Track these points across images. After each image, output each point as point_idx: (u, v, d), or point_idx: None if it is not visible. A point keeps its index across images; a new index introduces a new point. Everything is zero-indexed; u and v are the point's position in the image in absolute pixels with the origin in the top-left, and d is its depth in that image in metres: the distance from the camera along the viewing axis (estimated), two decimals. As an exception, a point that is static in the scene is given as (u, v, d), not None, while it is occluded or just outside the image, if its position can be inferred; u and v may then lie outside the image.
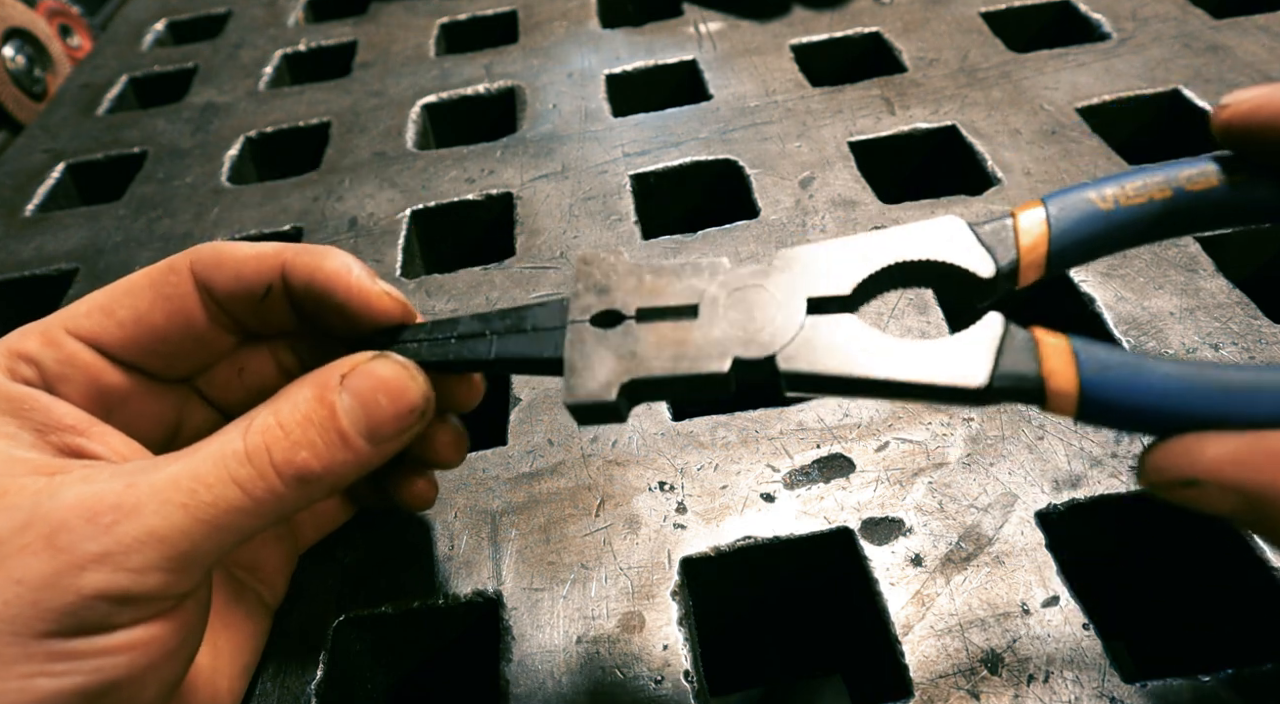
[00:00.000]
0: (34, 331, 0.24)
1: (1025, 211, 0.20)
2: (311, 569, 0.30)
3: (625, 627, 0.27)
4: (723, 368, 0.21)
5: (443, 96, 0.57)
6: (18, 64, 0.88)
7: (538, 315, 0.24)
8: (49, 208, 0.54)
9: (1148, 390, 0.17)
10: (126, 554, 0.19)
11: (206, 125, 0.58)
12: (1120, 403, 0.18)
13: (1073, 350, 0.18)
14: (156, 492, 0.20)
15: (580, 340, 0.22)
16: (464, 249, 0.48)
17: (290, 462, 0.21)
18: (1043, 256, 0.20)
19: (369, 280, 0.24)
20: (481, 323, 0.25)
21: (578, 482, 0.32)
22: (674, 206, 0.48)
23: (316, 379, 0.23)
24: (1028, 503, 0.29)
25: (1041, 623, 0.26)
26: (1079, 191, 0.20)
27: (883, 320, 0.36)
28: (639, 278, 0.23)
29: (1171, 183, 0.19)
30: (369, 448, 0.23)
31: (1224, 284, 0.36)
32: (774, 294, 0.21)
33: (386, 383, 0.23)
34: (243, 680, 0.26)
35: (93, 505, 0.20)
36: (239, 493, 0.21)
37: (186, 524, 0.20)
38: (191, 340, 0.25)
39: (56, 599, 0.19)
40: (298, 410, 0.22)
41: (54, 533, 0.19)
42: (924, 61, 0.52)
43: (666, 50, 0.58)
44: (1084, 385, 0.18)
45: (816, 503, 0.30)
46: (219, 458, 0.21)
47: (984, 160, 0.44)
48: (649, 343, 0.22)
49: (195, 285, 0.25)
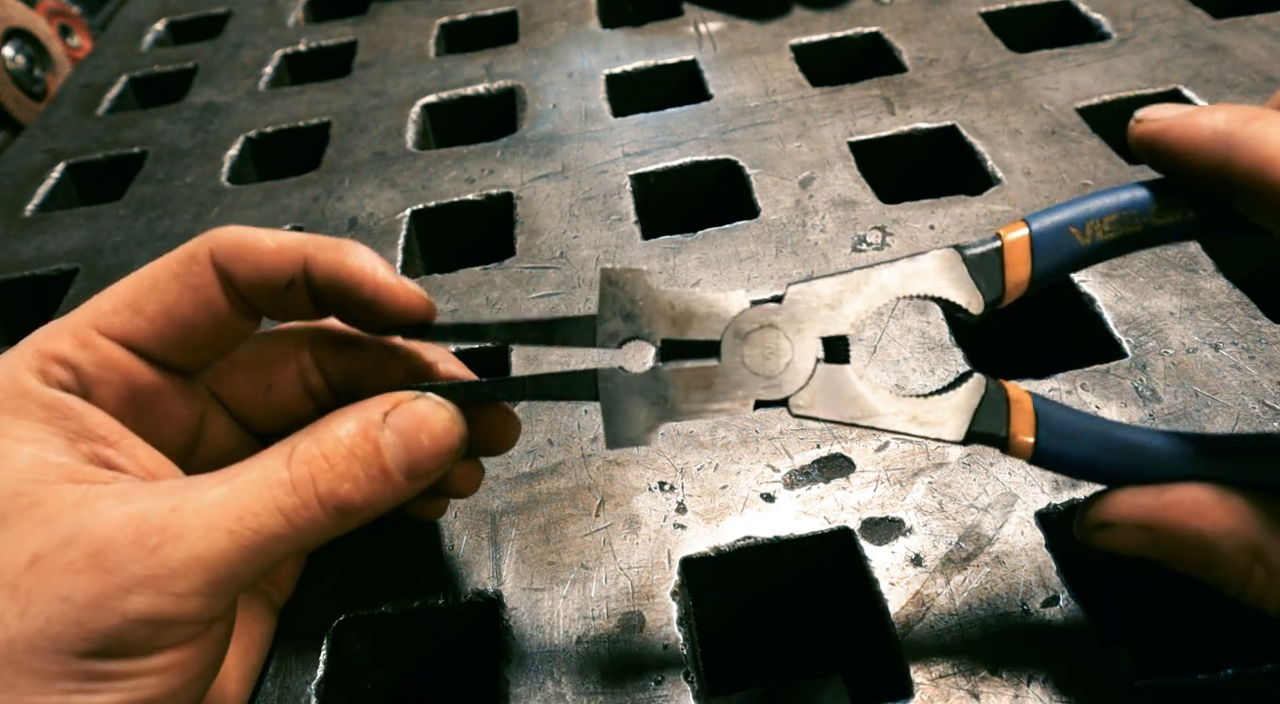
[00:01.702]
0: (65, 332, 0.24)
1: (1011, 238, 0.23)
2: (312, 569, 0.30)
3: (625, 627, 0.27)
4: (747, 411, 0.23)
5: (443, 96, 0.57)
6: (18, 64, 0.88)
7: (566, 332, 0.25)
8: (49, 208, 0.54)
9: (1086, 455, 0.22)
10: (172, 578, 0.20)
11: (206, 125, 0.58)
12: (1065, 460, 0.22)
13: (1035, 415, 0.22)
14: (202, 516, 0.20)
15: (612, 385, 0.24)
16: (464, 249, 0.48)
17: (334, 493, 0.22)
18: (1025, 284, 0.23)
19: (393, 277, 0.24)
20: (509, 332, 0.25)
21: (578, 482, 0.32)
22: (674, 206, 0.48)
23: (361, 414, 0.23)
24: (1028, 503, 0.29)
25: (1041, 623, 0.26)
26: (1060, 220, 0.22)
27: (883, 320, 0.36)
28: (664, 306, 0.24)
29: (1142, 218, 0.22)
30: (406, 484, 0.23)
31: (1224, 284, 0.36)
32: (787, 334, 0.23)
33: (429, 423, 0.23)
34: (251, 681, 0.27)
35: (139, 526, 0.20)
36: (283, 521, 0.21)
37: (230, 551, 0.20)
38: (217, 328, 0.25)
39: (100, 621, 0.19)
40: (342, 444, 0.22)
41: (100, 552, 0.19)
42: (924, 61, 0.52)
43: (666, 50, 0.58)
44: (1039, 444, 0.22)
45: (816, 503, 0.30)
46: (264, 484, 0.21)
47: (984, 160, 0.44)
48: (678, 387, 0.24)
49: (216, 274, 0.24)
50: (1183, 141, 0.21)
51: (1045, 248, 0.22)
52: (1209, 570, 0.21)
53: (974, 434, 0.22)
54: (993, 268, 0.23)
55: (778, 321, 0.24)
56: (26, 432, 0.22)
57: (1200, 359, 0.33)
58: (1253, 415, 0.31)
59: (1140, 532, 0.21)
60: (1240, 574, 0.21)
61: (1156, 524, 0.21)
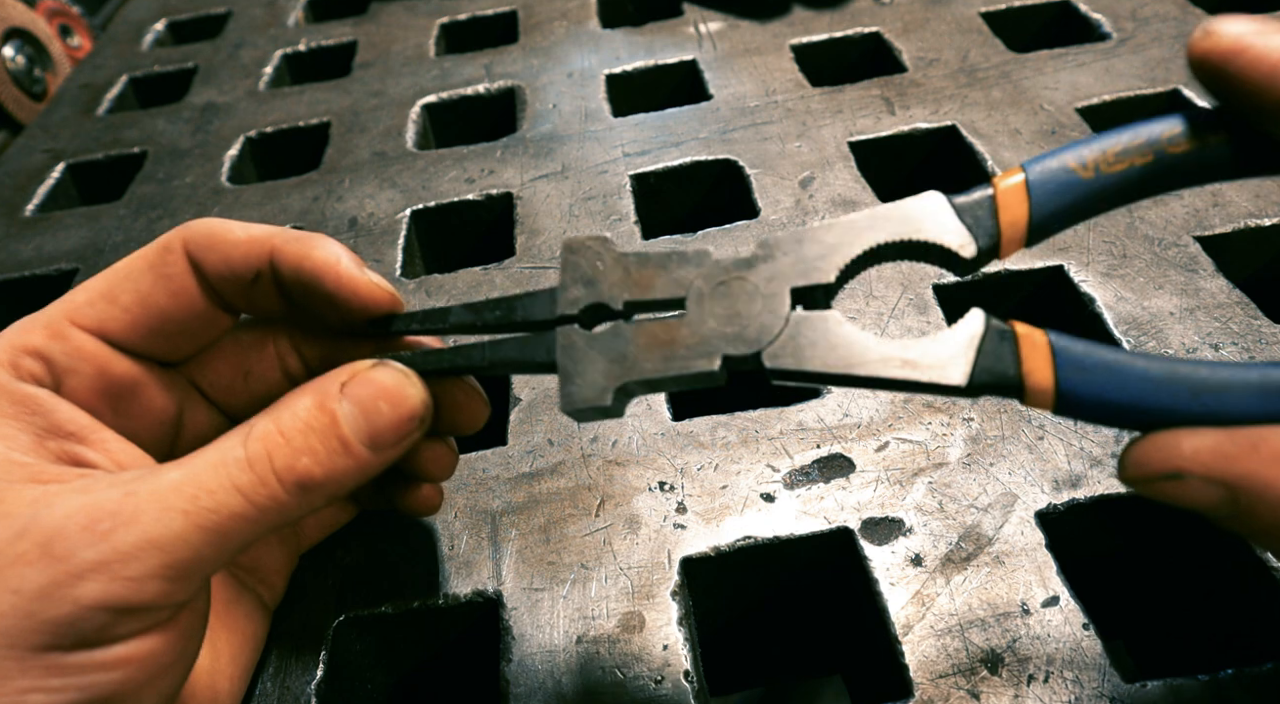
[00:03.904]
0: (37, 324, 0.24)
1: (1005, 181, 0.20)
2: (311, 569, 0.30)
3: (625, 627, 0.27)
4: (713, 367, 0.21)
5: (443, 96, 0.57)
6: (18, 64, 0.88)
7: (527, 306, 0.24)
8: (49, 208, 0.54)
9: (1122, 388, 0.18)
10: (125, 562, 0.19)
11: (206, 125, 0.58)
12: (1096, 400, 0.18)
13: (1051, 348, 0.19)
14: (156, 498, 0.20)
15: (571, 344, 0.22)
16: (464, 249, 0.48)
17: (291, 468, 0.21)
18: (1023, 230, 0.20)
19: (357, 270, 0.24)
20: (472, 313, 0.25)
21: (578, 482, 0.32)
22: (674, 206, 0.48)
23: (317, 387, 0.23)
24: (1028, 503, 0.29)
25: (1041, 623, 0.26)
26: (1059, 157, 0.20)
27: (882, 321, 0.36)
28: (625, 269, 0.23)
29: (1154, 147, 0.19)
30: (370, 455, 0.22)
31: (1224, 284, 0.36)
32: (758, 286, 0.21)
33: (387, 390, 0.23)
34: (242, 682, 0.26)
35: (91, 513, 0.19)
36: (240, 500, 0.20)
37: (186, 531, 0.20)
38: (194, 319, 0.25)
39: (53, 610, 0.18)
40: (298, 417, 0.22)
41: (50, 541, 0.19)
42: (924, 61, 0.52)
43: (666, 50, 0.58)
44: (1060, 383, 0.18)
45: (816, 503, 0.30)
46: (220, 464, 0.21)
47: (984, 160, 0.44)
48: (639, 344, 0.22)
49: (189, 264, 0.24)
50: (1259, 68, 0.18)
51: (1043, 187, 0.20)
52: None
53: (980, 376, 0.19)
54: (984, 212, 0.20)
55: (747, 274, 0.22)
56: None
57: (1199, 357, 0.33)
58: (1253, 415, 0.31)
59: (1217, 487, 0.17)
60: None
61: (1244, 480, 0.17)
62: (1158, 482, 0.18)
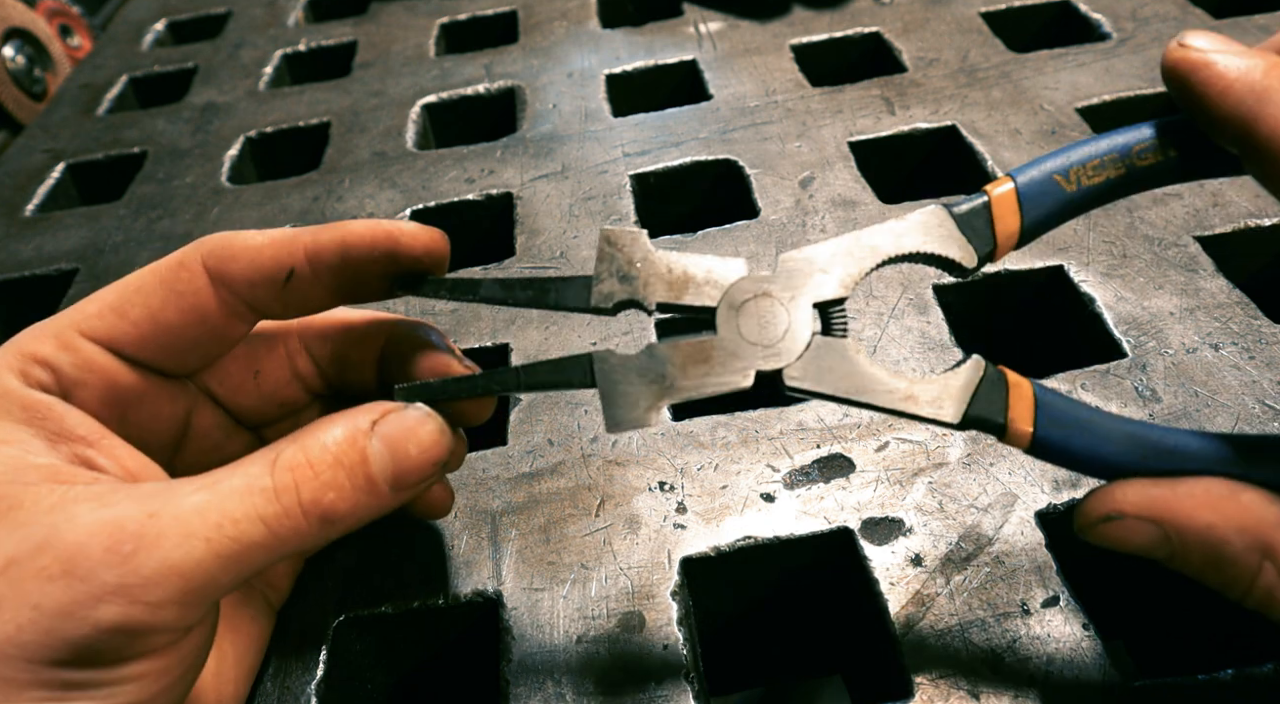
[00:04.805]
0: (47, 334, 0.24)
1: (998, 191, 0.23)
2: (311, 569, 0.30)
3: (625, 627, 0.27)
4: (747, 384, 0.23)
5: (443, 96, 0.57)
6: (18, 64, 0.88)
7: (561, 291, 0.24)
8: (49, 208, 0.54)
9: (1087, 444, 0.21)
10: (145, 587, 0.19)
11: (206, 125, 0.58)
12: (1063, 449, 0.22)
13: (1035, 400, 0.22)
14: (179, 523, 0.20)
15: (608, 367, 0.23)
16: (464, 249, 0.48)
17: (318, 502, 0.21)
18: (1015, 237, 0.23)
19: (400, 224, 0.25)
20: (504, 290, 0.25)
21: (578, 482, 0.32)
22: (674, 206, 0.48)
23: (348, 420, 0.23)
24: (1028, 503, 0.29)
25: (1041, 623, 0.26)
26: (1045, 169, 0.23)
27: (883, 320, 0.36)
28: (661, 269, 0.24)
29: (1125, 160, 0.22)
30: (391, 495, 0.23)
31: (1224, 284, 0.36)
32: (782, 301, 0.23)
33: (417, 434, 0.23)
34: (247, 683, 0.27)
35: (114, 533, 0.19)
36: (264, 529, 0.21)
37: (207, 559, 0.20)
38: (205, 335, 0.25)
39: (71, 630, 0.19)
40: (328, 450, 0.22)
41: (72, 559, 0.19)
42: (924, 61, 0.52)
43: (666, 50, 0.58)
44: (1037, 430, 0.22)
45: (816, 503, 0.30)
46: (246, 492, 0.21)
47: (984, 160, 0.44)
48: (675, 364, 0.23)
49: (209, 280, 0.24)
50: (1215, 84, 0.20)
51: (1032, 198, 0.23)
52: (1217, 569, 0.20)
53: (970, 417, 0.22)
54: (981, 223, 0.23)
55: (772, 290, 0.23)
56: (6, 433, 0.22)
57: (1200, 359, 0.33)
58: (1253, 415, 0.31)
59: (1149, 525, 0.20)
60: (1248, 574, 0.20)
61: (1168, 517, 0.20)
62: (1100, 524, 0.21)
